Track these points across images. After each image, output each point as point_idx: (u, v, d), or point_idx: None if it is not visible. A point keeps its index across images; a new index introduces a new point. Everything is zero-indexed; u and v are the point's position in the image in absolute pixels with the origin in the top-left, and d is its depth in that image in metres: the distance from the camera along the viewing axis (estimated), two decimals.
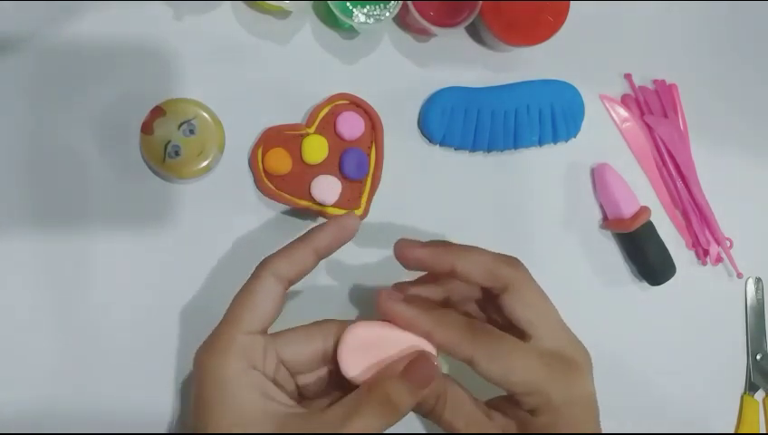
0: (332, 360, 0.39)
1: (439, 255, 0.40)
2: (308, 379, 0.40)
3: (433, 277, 0.43)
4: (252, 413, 0.35)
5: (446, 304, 0.43)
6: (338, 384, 0.40)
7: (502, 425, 0.40)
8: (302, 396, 0.40)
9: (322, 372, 0.40)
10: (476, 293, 0.43)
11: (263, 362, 0.37)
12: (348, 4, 0.46)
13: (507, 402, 0.40)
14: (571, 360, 0.39)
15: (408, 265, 0.41)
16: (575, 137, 0.53)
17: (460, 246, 0.41)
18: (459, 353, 0.38)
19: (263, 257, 0.47)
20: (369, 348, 0.38)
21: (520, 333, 0.39)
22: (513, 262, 0.40)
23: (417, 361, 0.37)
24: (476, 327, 0.39)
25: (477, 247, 0.41)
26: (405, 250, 0.41)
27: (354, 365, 0.38)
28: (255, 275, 0.38)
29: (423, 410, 0.40)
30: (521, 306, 0.39)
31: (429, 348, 0.38)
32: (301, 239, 0.39)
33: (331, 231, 0.39)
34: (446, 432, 0.40)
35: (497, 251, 0.40)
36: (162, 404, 0.45)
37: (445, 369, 0.46)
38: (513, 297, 0.39)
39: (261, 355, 0.37)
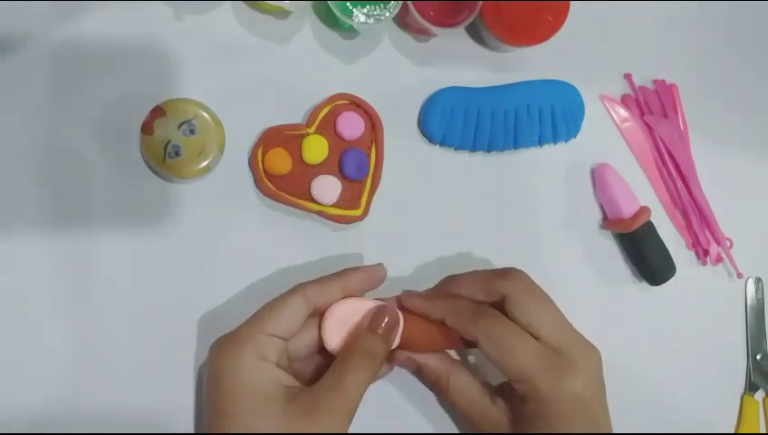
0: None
1: (444, 288, 0.45)
2: (302, 364, 0.44)
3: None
4: (263, 395, 0.39)
5: None
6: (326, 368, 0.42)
7: (503, 409, 0.43)
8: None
9: (316, 358, 0.44)
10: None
11: (276, 358, 0.40)
12: (348, 4, 0.46)
13: (510, 388, 0.43)
14: (568, 357, 0.40)
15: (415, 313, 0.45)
16: (575, 137, 0.53)
17: (460, 276, 0.45)
18: (466, 335, 0.42)
19: (262, 257, 0.48)
20: (348, 322, 0.43)
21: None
22: (506, 273, 0.43)
23: (377, 313, 0.42)
24: (483, 312, 0.42)
25: (476, 272, 0.45)
26: (407, 304, 0.45)
27: (336, 338, 0.42)
28: (288, 292, 0.42)
29: (430, 384, 0.46)
30: (520, 313, 0.41)
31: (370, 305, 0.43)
32: (335, 275, 0.44)
33: (363, 277, 0.44)
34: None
35: (499, 252, 0.41)
36: (162, 403, 0.45)
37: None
38: (511, 306, 0.42)
39: (275, 353, 0.40)
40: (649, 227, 0.52)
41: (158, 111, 0.46)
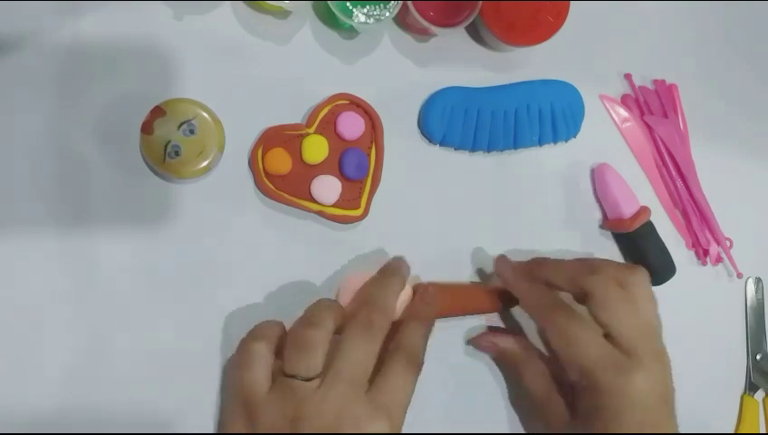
0: None
1: (532, 272, 0.46)
2: None
3: None
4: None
5: None
6: None
7: (568, 401, 0.44)
8: None
9: None
10: None
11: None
12: (348, 4, 0.46)
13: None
14: (634, 355, 0.41)
15: (504, 282, 0.48)
16: (575, 137, 0.53)
17: (550, 261, 0.47)
18: (538, 321, 0.45)
19: (262, 257, 0.48)
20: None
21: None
22: (593, 268, 0.44)
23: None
24: (557, 303, 0.44)
25: (564, 261, 0.46)
26: (502, 270, 0.48)
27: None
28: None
29: (508, 367, 0.49)
30: (598, 310, 0.42)
31: (407, 291, 0.46)
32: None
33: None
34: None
35: (499, 252, 0.41)
36: (161, 403, 0.45)
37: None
38: (592, 302, 0.43)
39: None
40: (649, 227, 0.52)
41: (158, 111, 0.46)
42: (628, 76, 0.55)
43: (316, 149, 0.48)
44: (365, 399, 0.39)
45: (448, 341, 0.50)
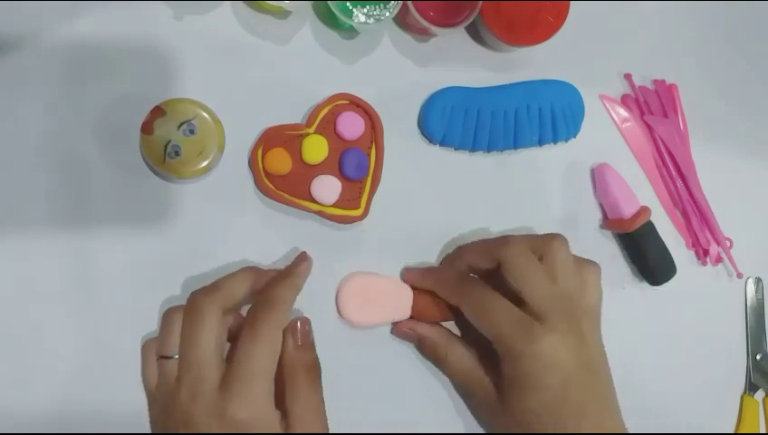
0: None
1: (453, 264, 0.48)
2: None
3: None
4: None
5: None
6: None
7: (496, 376, 0.44)
8: None
9: None
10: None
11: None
12: (348, 4, 0.46)
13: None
14: (544, 318, 0.41)
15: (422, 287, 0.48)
16: (575, 137, 0.53)
17: (465, 245, 0.48)
18: (452, 301, 0.45)
19: (262, 257, 0.48)
20: (364, 294, 0.48)
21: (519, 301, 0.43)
22: (504, 240, 0.45)
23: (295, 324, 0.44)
24: (467, 280, 0.46)
25: (478, 241, 0.47)
26: (404, 276, 0.49)
27: (355, 311, 0.47)
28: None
29: (430, 357, 0.48)
30: (510, 278, 0.43)
31: (407, 293, 0.48)
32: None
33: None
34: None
35: None
36: None
37: None
38: (505, 271, 0.43)
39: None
40: (649, 227, 0.52)
41: (158, 111, 0.46)
42: (628, 76, 0.55)
43: (316, 149, 0.48)
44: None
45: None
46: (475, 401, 0.48)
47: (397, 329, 0.48)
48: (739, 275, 0.55)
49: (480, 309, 0.43)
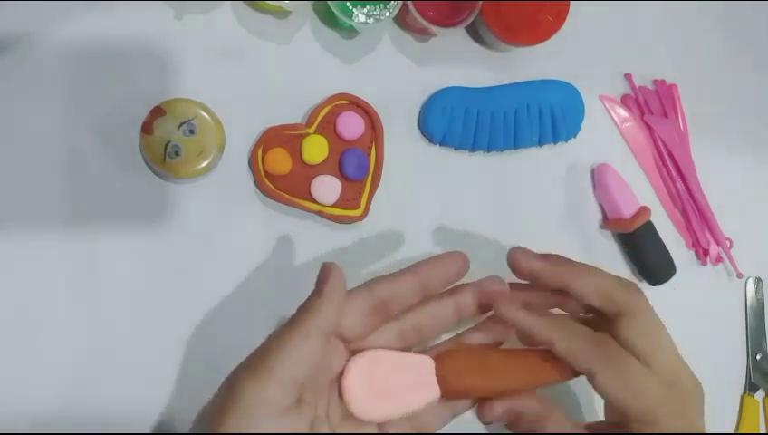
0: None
1: (555, 271, 0.40)
2: None
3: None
4: None
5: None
6: None
7: None
8: None
9: None
10: (583, 309, 0.42)
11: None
12: (348, 4, 0.46)
13: (608, 427, 0.40)
14: (686, 392, 0.39)
15: (520, 275, 0.41)
16: (575, 137, 0.53)
17: (577, 264, 0.40)
18: (580, 364, 0.38)
19: (262, 257, 0.47)
20: (373, 379, 0.37)
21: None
22: (630, 287, 0.39)
23: None
24: (600, 340, 0.38)
25: (594, 268, 0.40)
26: (520, 260, 0.41)
27: (360, 400, 0.37)
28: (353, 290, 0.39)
29: (526, 429, 0.40)
30: (636, 335, 0.38)
31: (427, 364, 0.38)
32: (407, 269, 0.39)
33: (440, 269, 0.40)
34: None
35: (499, 252, 0.40)
36: (162, 403, 0.45)
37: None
38: (628, 324, 0.38)
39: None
40: (649, 227, 0.52)
41: (158, 111, 0.46)
42: (628, 76, 0.55)
43: (316, 149, 0.48)
44: None
45: None
46: None
47: (486, 415, 0.40)
48: (739, 276, 0.55)
49: (623, 380, 0.37)
